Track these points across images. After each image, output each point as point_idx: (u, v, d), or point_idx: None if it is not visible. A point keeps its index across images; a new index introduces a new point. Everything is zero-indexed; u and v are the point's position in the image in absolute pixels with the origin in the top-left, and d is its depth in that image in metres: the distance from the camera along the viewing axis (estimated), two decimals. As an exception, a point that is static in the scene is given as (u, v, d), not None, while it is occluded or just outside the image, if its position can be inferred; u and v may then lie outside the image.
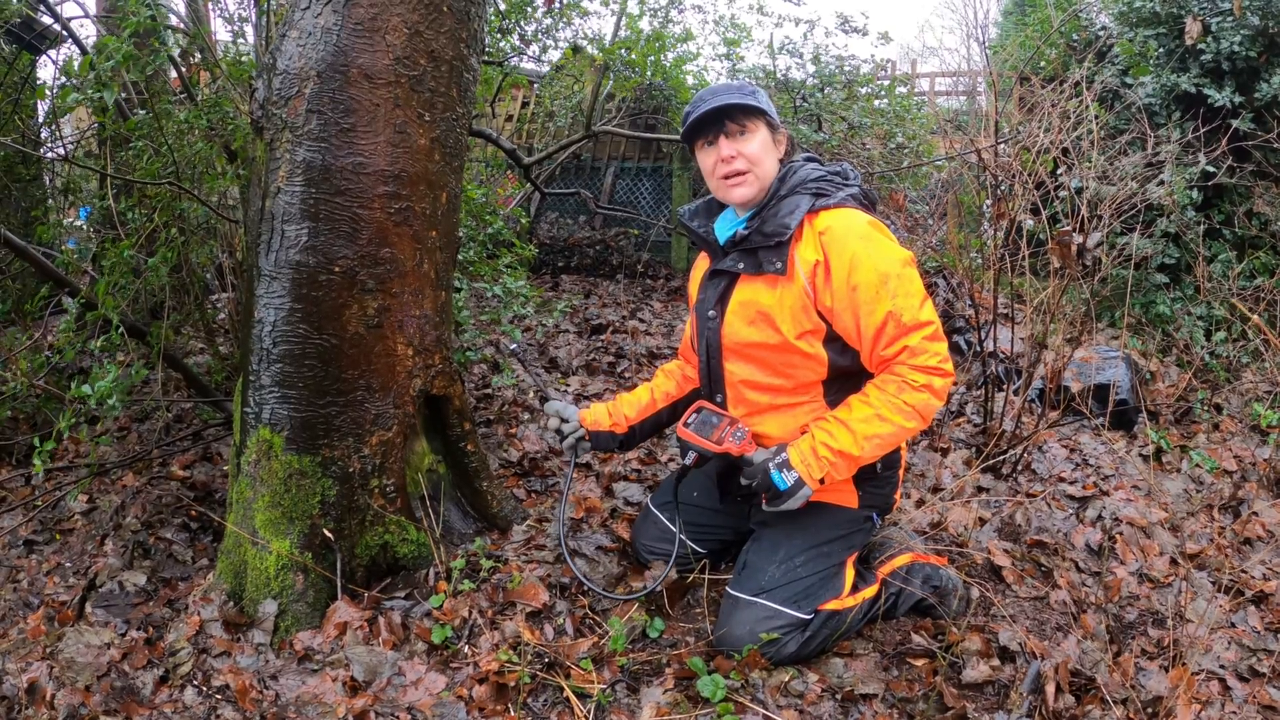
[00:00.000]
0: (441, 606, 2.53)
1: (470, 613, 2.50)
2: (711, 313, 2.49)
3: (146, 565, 2.84)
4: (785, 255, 2.33)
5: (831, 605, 2.39)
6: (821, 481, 2.31)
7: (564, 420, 2.75)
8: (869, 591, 2.49)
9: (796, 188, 2.39)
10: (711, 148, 2.44)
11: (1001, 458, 3.68)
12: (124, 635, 2.44)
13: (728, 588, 2.48)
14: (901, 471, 2.62)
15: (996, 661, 2.36)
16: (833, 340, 2.36)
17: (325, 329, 2.45)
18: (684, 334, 2.86)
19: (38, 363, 3.03)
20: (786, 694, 2.27)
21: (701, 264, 2.68)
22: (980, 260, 5.01)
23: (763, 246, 2.36)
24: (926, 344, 2.25)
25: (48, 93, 3.61)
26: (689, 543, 2.73)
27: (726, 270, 2.46)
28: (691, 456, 2.50)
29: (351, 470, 2.55)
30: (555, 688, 2.27)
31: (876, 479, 2.52)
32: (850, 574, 2.49)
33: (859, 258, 2.24)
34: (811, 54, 7.04)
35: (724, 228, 2.52)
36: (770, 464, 2.34)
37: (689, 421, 2.51)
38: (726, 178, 2.42)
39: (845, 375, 2.40)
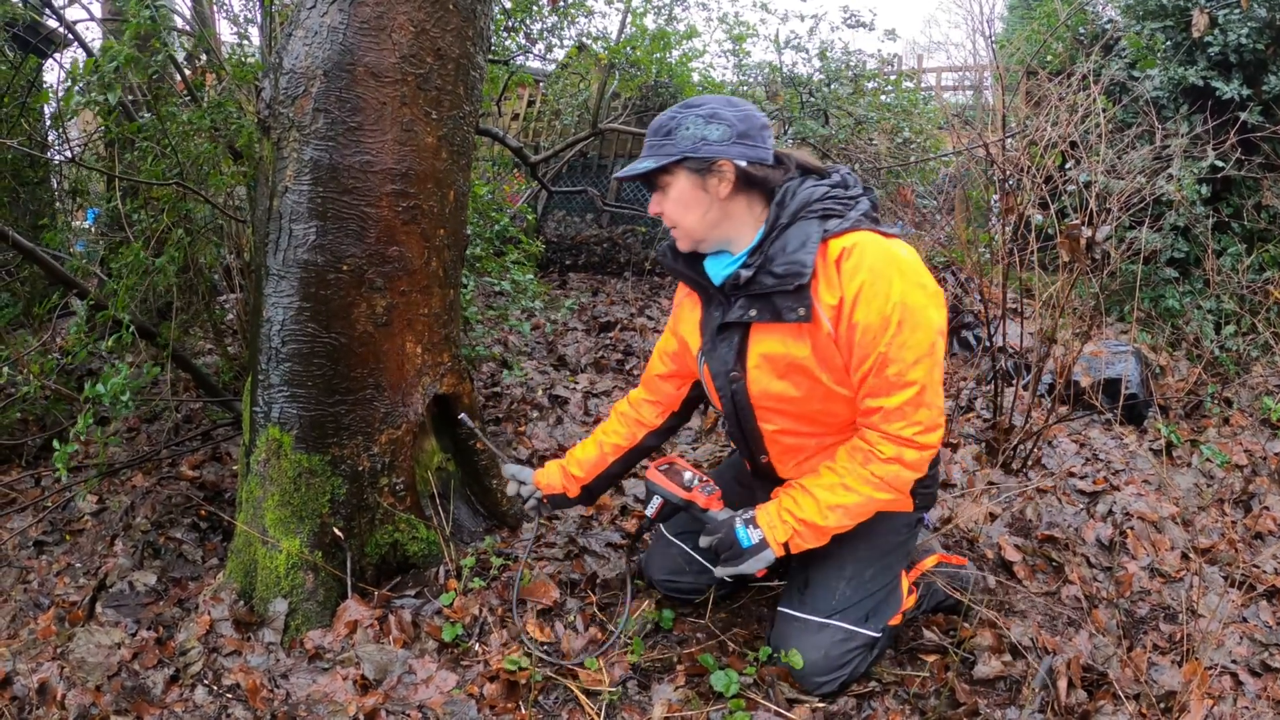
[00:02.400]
0: (452, 604, 2.53)
1: (481, 611, 2.51)
2: (734, 373, 2.19)
3: (156, 565, 2.84)
4: (808, 299, 2.03)
5: (893, 622, 2.32)
6: (786, 548, 2.14)
7: (521, 483, 2.61)
8: (911, 600, 2.44)
9: (799, 213, 2.06)
10: None
11: (1011, 453, 3.67)
12: (134, 635, 2.45)
13: (786, 609, 2.32)
14: (940, 466, 2.48)
15: (1008, 657, 2.35)
16: None
17: (334, 327, 2.45)
18: (650, 363, 2.56)
19: (49, 365, 3.04)
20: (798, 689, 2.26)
21: (690, 303, 2.37)
22: (989, 255, 4.99)
23: (778, 291, 2.05)
24: (906, 409, 2.02)
25: (53, 96, 3.62)
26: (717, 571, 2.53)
27: (736, 323, 2.16)
28: (655, 504, 2.34)
29: (361, 469, 2.55)
30: (566, 685, 2.27)
31: (924, 477, 2.30)
32: (905, 583, 2.40)
33: (864, 292, 1.98)
34: (817, 49, 7.03)
35: (717, 266, 2.19)
36: (737, 519, 2.20)
37: (661, 467, 2.38)
38: None
39: None
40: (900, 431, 2.03)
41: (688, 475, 2.33)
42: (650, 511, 2.35)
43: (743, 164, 2.04)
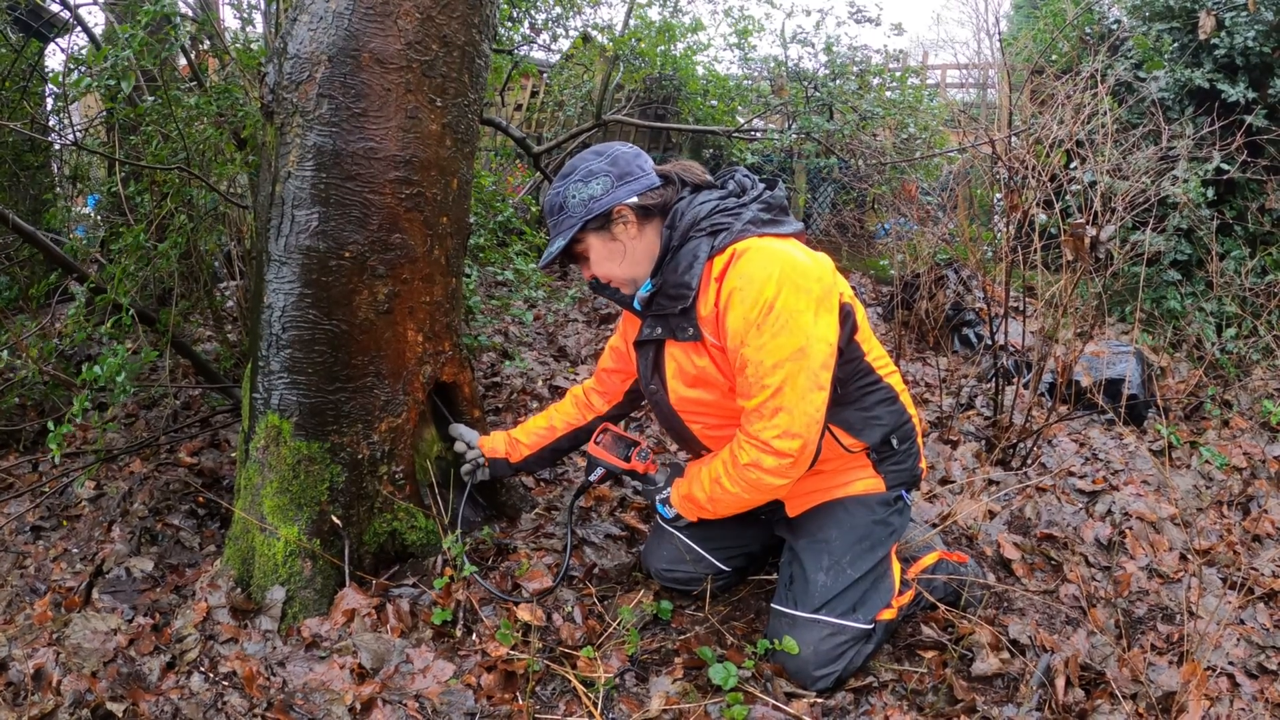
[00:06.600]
0: (444, 590, 2.52)
1: (477, 600, 2.50)
2: (653, 386, 2.38)
3: (154, 551, 2.83)
4: (693, 318, 2.18)
5: (886, 615, 2.32)
6: (699, 518, 2.39)
7: (468, 446, 2.77)
8: (908, 596, 2.43)
9: (689, 232, 2.17)
10: None
11: (1011, 451, 3.67)
12: (131, 621, 2.44)
13: (775, 605, 2.38)
14: (920, 440, 2.49)
15: (1006, 654, 2.35)
16: None
17: (335, 314, 2.44)
18: (602, 357, 2.75)
19: (47, 349, 3.03)
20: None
21: (629, 314, 2.53)
22: (991, 253, 4.98)
23: (671, 313, 2.22)
24: (764, 410, 2.08)
25: (60, 80, 3.59)
26: (715, 561, 2.59)
27: (650, 340, 2.34)
28: (598, 473, 2.60)
29: (360, 457, 2.54)
30: (563, 676, 2.27)
31: (896, 454, 2.39)
32: (897, 571, 2.40)
33: (734, 297, 2.07)
34: (824, 44, 7.00)
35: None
36: (656, 496, 2.50)
37: (599, 440, 2.62)
38: None
39: None
40: (759, 434, 2.10)
41: (626, 445, 2.59)
42: (594, 479, 2.63)
43: (634, 200, 2.19)
